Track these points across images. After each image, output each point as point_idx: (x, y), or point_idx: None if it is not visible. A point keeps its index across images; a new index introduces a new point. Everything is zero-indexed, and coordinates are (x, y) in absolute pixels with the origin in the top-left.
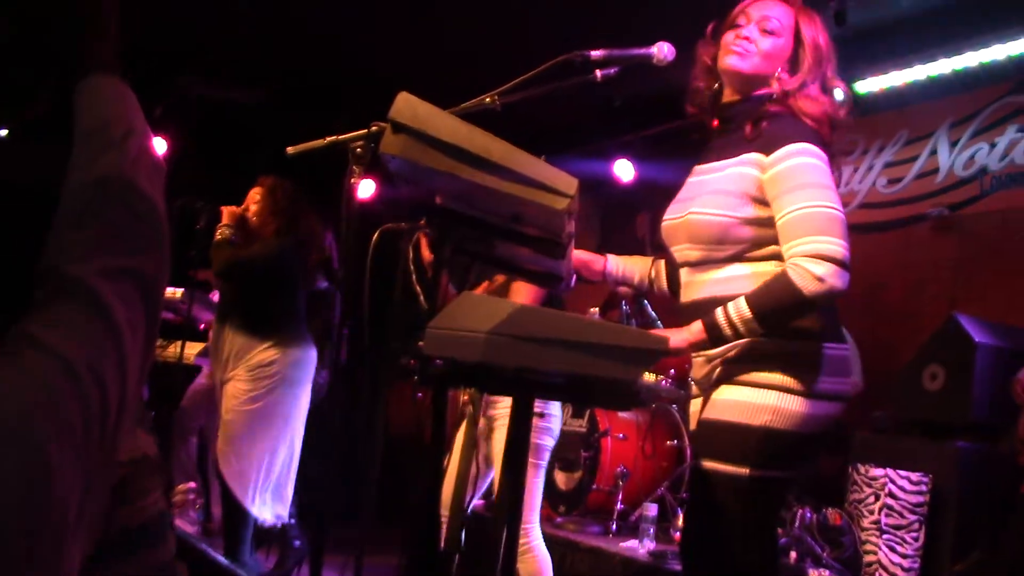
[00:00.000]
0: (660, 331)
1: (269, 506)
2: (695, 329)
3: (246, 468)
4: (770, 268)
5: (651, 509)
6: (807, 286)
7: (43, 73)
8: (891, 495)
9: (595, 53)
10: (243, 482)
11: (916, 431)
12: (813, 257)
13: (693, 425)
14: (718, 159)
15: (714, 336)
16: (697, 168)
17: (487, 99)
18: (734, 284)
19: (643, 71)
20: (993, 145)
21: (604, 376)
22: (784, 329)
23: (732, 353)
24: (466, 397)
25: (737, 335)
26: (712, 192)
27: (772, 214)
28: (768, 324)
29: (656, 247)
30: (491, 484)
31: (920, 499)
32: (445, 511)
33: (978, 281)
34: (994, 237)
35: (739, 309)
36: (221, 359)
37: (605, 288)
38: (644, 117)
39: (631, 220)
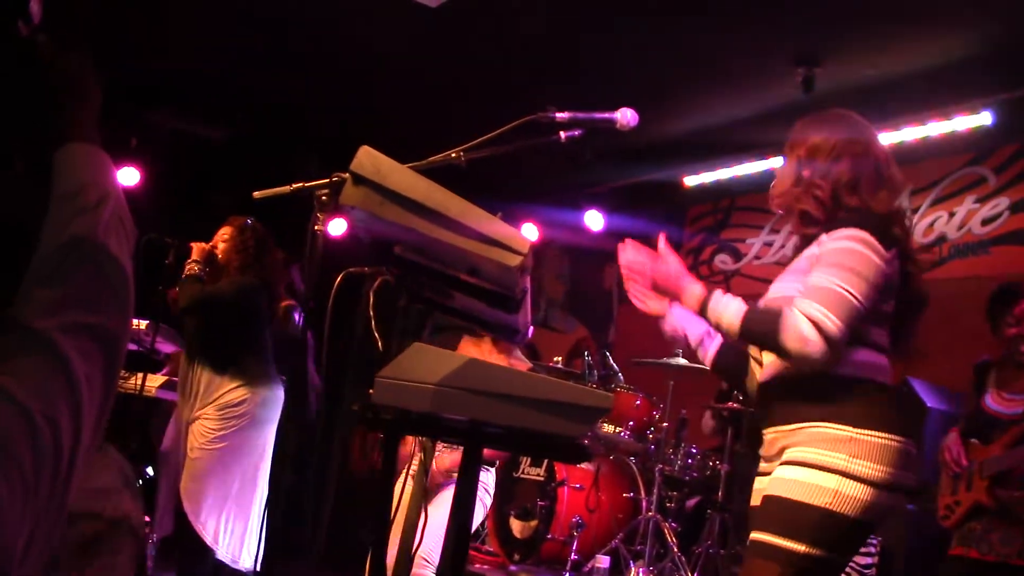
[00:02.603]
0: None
1: (232, 546)
2: (697, 293)
3: (210, 507)
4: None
5: (603, 561)
6: (790, 339)
7: (25, 139)
8: None
9: (560, 115)
10: (205, 521)
11: None
12: (812, 322)
13: (756, 501)
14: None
15: (700, 311)
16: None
17: (452, 154)
18: None
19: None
20: (952, 214)
21: (548, 431)
22: (854, 418)
23: (800, 435)
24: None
25: (716, 326)
26: (787, 273)
27: None
28: (744, 340)
29: (623, 298)
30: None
31: (869, 560)
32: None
33: (934, 346)
34: (951, 304)
35: (730, 317)
36: (189, 396)
37: (569, 338)
38: (615, 169)
39: (600, 270)
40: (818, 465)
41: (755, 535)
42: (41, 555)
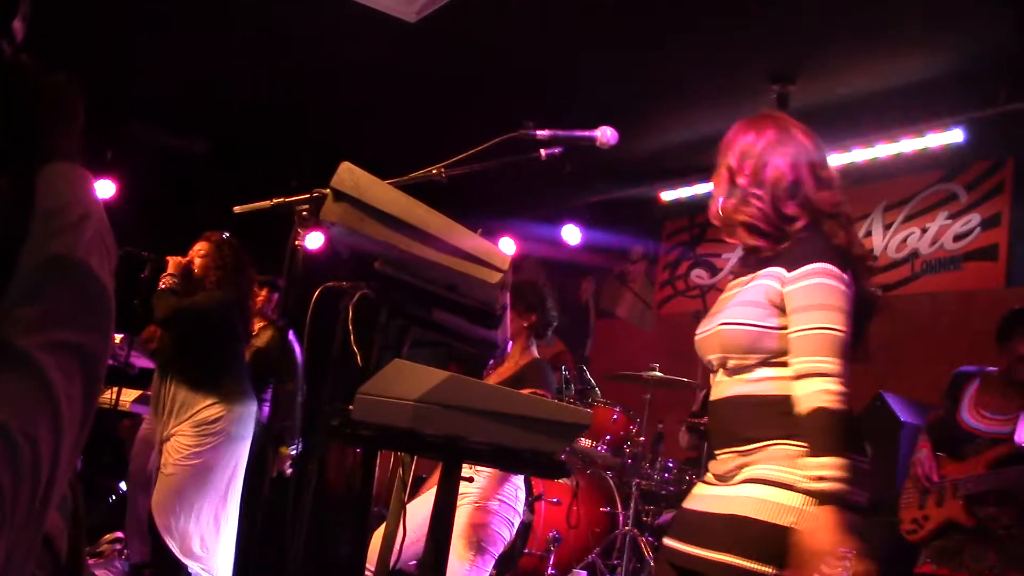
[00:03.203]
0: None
1: (204, 560)
2: (831, 524)
3: (184, 522)
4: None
5: None
6: (832, 405)
7: (7, 158)
8: None
9: (541, 132)
10: (179, 535)
11: None
12: (820, 376)
13: (695, 504)
14: (746, 274)
15: (841, 504)
16: (730, 284)
17: (433, 171)
18: (762, 385)
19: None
20: (925, 230)
21: (527, 447)
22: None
23: (759, 455)
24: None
25: (839, 481)
26: (741, 303)
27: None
28: (842, 452)
29: (600, 312)
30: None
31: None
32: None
33: (907, 360)
34: (923, 318)
35: (821, 466)
36: (163, 413)
37: (547, 352)
38: (593, 184)
39: (577, 284)
40: (778, 483)
41: (719, 556)
42: None
